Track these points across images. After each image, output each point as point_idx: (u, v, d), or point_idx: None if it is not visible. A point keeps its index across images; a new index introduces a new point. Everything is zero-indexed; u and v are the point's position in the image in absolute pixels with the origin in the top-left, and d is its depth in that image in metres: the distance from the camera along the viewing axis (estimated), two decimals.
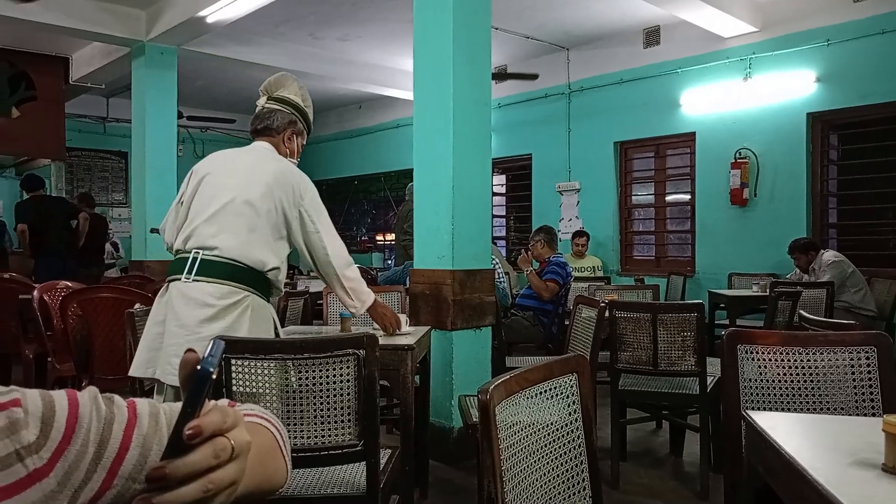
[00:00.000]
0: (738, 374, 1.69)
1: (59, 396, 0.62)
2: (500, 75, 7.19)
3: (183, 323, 2.14)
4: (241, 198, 2.23)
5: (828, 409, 1.66)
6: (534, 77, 7.25)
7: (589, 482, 1.30)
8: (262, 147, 2.43)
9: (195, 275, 2.17)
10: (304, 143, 2.57)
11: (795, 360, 1.68)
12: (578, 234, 7.08)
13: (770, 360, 1.70)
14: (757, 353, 1.70)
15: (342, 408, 1.85)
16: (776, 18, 6.00)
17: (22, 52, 7.38)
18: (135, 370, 2.24)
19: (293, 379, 1.84)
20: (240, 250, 2.19)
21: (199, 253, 2.19)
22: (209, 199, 2.26)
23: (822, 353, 1.68)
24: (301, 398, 1.84)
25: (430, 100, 3.64)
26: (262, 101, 2.50)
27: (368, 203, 10.89)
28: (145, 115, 6.51)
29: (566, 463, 1.29)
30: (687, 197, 6.98)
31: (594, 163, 7.44)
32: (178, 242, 2.29)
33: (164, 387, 2.21)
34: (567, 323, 3.56)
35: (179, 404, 0.56)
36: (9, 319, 4.27)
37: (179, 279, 2.19)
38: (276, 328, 2.31)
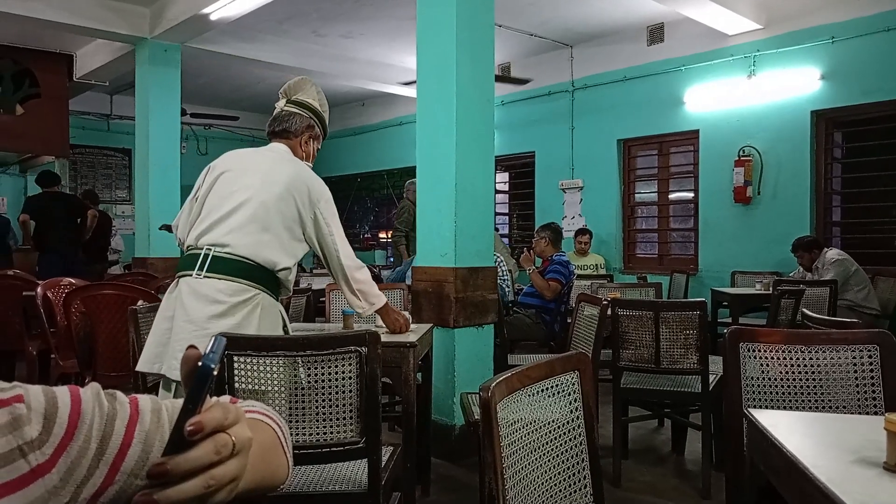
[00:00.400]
0: (741, 372, 1.69)
1: (62, 393, 0.62)
2: (498, 78, 7.19)
3: (192, 318, 2.14)
4: (257, 197, 2.24)
5: (830, 407, 1.66)
6: (525, 82, 7.22)
7: (590, 479, 1.30)
8: (279, 148, 2.45)
9: (206, 271, 2.17)
10: (319, 147, 2.61)
11: (798, 359, 1.68)
12: (581, 231, 7.07)
13: (772, 358, 1.69)
14: (759, 351, 1.70)
15: (344, 405, 1.85)
16: (780, 16, 5.98)
17: (26, 50, 7.39)
18: (142, 365, 2.24)
19: (303, 375, 1.84)
20: (252, 249, 2.20)
21: (210, 249, 2.19)
22: (224, 197, 2.27)
23: (824, 352, 1.67)
24: (303, 395, 1.85)
25: (434, 97, 3.64)
26: (281, 104, 2.52)
27: (371, 200, 10.90)
28: (149, 112, 6.52)
29: (568, 460, 1.29)
30: (690, 195, 6.96)
31: (597, 160, 7.43)
32: (190, 238, 2.29)
33: (170, 382, 2.21)
34: (569, 321, 3.56)
35: (181, 401, 0.56)
36: (12, 316, 4.29)
37: (190, 275, 2.19)
38: (285, 326, 2.32)
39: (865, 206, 5.98)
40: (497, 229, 6.23)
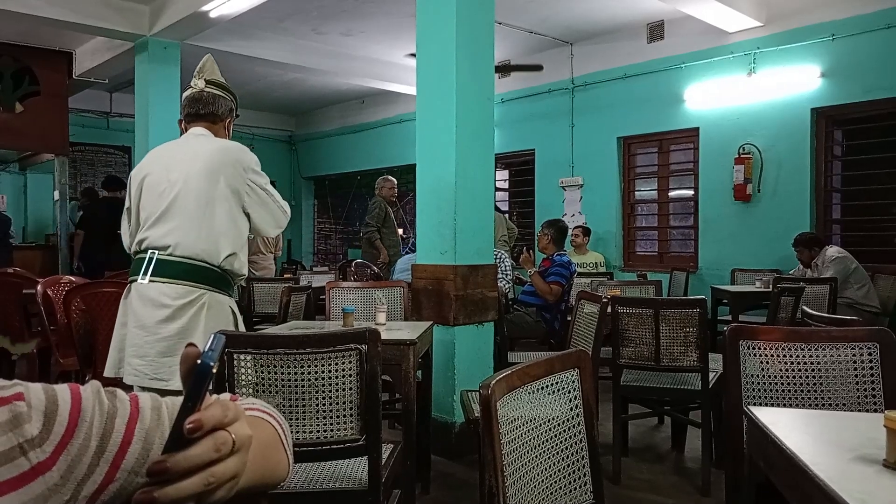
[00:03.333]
0: (740, 369, 1.69)
1: (62, 390, 0.62)
2: (505, 68, 7.19)
3: (142, 324, 2.18)
4: (184, 189, 2.24)
5: (830, 404, 1.66)
6: (538, 68, 7.21)
7: (590, 477, 1.31)
8: (197, 133, 2.41)
9: (151, 275, 2.20)
10: None
11: (798, 356, 1.68)
12: (575, 226, 7.07)
13: (772, 355, 1.70)
14: (759, 348, 1.70)
15: (344, 402, 1.85)
16: (780, 13, 5.97)
17: (26, 47, 7.38)
18: (107, 371, 2.28)
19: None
20: (193, 246, 2.21)
21: (154, 253, 2.22)
22: (155, 198, 2.27)
23: (824, 349, 1.67)
24: (303, 393, 1.85)
25: (433, 95, 3.63)
26: (200, 84, 2.44)
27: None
28: (148, 109, 6.52)
29: (567, 458, 1.29)
30: (690, 192, 6.96)
31: (597, 158, 7.42)
32: (134, 245, 2.33)
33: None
34: (569, 318, 3.56)
35: (181, 398, 0.56)
36: (13, 314, 4.29)
37: (137, 280, 2.23)
38: (236, 323, 2.32)
39: (865, 203, 5.98)
40: (498, 208, 6.24)
